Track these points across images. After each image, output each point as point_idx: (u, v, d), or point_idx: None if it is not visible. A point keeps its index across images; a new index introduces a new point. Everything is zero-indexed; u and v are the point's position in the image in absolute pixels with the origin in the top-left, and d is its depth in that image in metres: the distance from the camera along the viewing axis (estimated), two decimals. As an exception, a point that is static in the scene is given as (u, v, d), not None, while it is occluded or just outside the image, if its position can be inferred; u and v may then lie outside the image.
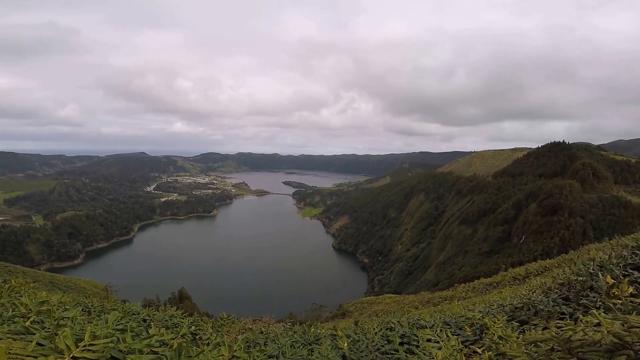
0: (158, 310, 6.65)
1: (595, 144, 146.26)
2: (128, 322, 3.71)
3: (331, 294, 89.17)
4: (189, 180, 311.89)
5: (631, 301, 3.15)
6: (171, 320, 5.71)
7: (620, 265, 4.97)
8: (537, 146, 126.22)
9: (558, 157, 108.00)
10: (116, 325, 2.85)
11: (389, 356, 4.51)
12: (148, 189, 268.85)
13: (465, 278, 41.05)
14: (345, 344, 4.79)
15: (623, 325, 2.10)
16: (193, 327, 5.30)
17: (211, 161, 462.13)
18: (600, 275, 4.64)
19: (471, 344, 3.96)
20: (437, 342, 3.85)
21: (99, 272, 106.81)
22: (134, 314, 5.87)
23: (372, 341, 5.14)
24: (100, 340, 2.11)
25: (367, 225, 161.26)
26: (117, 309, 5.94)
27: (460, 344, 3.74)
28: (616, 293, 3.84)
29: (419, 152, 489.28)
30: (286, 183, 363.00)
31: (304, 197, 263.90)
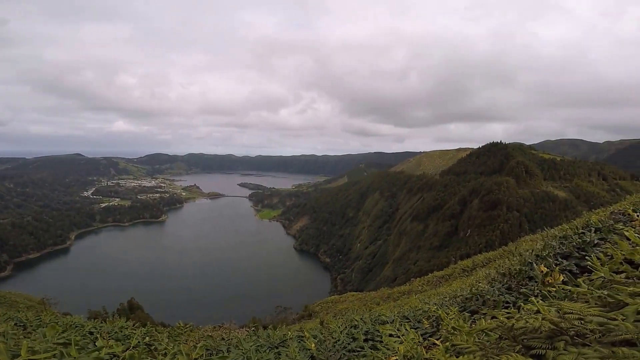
0: (105, 322, 6.13)
1: (528, 143, 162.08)
2: (71, 336, 3.38)
3: (296, 296, 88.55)
4: (133, 184, 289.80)
5: (563, 288, 3.47)
6: (121, 331, 5.38)
7: (552, 254, 5.49)
8: (478, 146, 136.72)
9: (496, 156, 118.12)
10: (57, 339, 2.55)
11: (356, 354, 4.57)
12: (85, 193, 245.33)
13: (420, 272, 43.23)
14: (313, 345, 4.76)
15: (558, 312, 2.30)
16: (147, 338, 5.00)
17: (158, 163, 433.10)
18: (535, 264, 5.10)
19: (430, 336, 4.14)
20: (399, 336, 3.98)
21: (32, 284, 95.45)
22: (78, 327, 5.45)
23: (339, 340, 5.19)
24: (40, 355, 1.86)
25: (327, 225, 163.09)
26: (57, 322, 5.46)
27: (420, 337, 3.89)
28: (550, 281, 4.22)
29: (374, 152, 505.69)
30: (242, 185, 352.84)
31: (262, 198, 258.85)
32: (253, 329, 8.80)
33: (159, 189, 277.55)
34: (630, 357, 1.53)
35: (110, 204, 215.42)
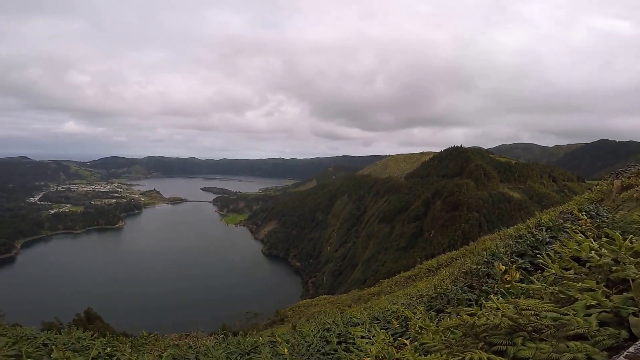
0: (61, 334, 5.69)
1: (486, 147, 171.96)
2: (23, 348, 3.10)
3: (266, 301, 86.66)
4: (86, 189, 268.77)
5: (520, 286, 3.70)
6: (79, 342, 5.13)
7: (508, 253, 5.84)
8: (440, 150, 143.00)
9: (457, 159, 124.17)
10: (7, 352, 2.33)
11: (329, 356, 4.58)
12: (32, 199, 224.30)
13: (389, 273, 44.25)
14: (286, 350, 4.70)
15: (516, 308, 2.44)
16: (108, 349, 4.78)
17: (114, 166, 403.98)
18: (494, 262, 5.41)
19: (399, 336, 4.25)
20: (370, 338, 4.04)
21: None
22: (30, 339, 5.08)
23: (312, 344, 5.17)
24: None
25: (296, 229, 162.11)
26: (5, 334, 5.18)
27: (390, 337, 3.98)
28: (508, 279, 4.48)
29: (342, 155, 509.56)
30: (206, 189, 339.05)
31: (227, 203, 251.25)
32: (222, 336, 8.57)
33: (115, 194, 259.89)
34: (582, 351, 1.65)
35: (61, 210, 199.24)
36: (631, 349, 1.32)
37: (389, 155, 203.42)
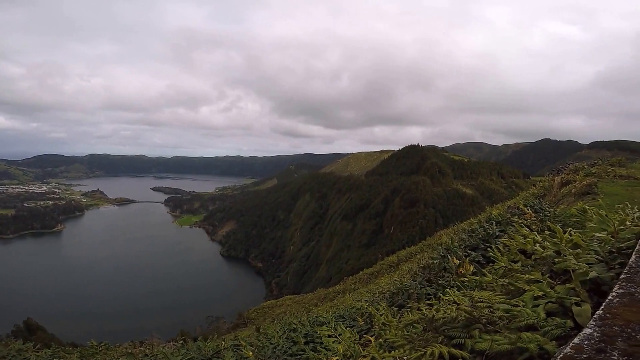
0: None
1: (441, 146, 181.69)
2: None
3: (228, 304, 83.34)
4: (17, 190, 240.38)
5: (474, 279, 3.91)
6: (20, 355, 4.81)
7: (462, 246, 6.17)
8: (399, 148, 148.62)
9: (414, 157, 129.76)
10: None
11: (297, 357, 4.52)
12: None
13: (352, 270, 44.98)
14: (250, 353, 4.56)
15: (471, 301, 2.56)
16: None
17: (51, 165, 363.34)
18: (449, 257, 5.69)
19: (365, 333, 4.30)
20: (336, 336, 4.05)
21: None
22: None
23: (278, 345, 5.07)
24: None
25: (256, 229, 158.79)
26: None
27: (356, 334, 4.02)
28: (462, 272, 4.72)
29: (304, 153, 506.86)
30: (156, 189, 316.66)
31: (181, 203, 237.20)
32: (181, 342, 8.19)
33: (52, 196, 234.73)
34: (534, 341, 1.74)
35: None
36: (576, 340, 1.40)
37: (351, 153, 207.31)
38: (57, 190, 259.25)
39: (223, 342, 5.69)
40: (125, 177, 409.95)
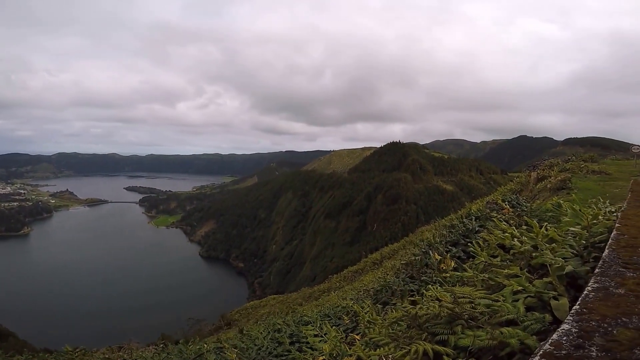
0: None
1: (422, 143, 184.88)
2: None
3: (210, 306, 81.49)
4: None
5: (455, 274, 3.97)
6: None
7: (443, 242, 6.28)
8: (380, 145, 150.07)
9: (395, 154, 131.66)
10: None
11: (282, 358, 4.45)
12: None
13: (337, 268, 45.16)
14: (234, 355, 4.46)
15: (453, 297, 2.59)
16: None
17: (15, 165, 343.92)
18: (430, 253, 5.77)
19: (351, 332, 4.29)
20: (322, 336, 4.01)
21: None
22: None
23: (262, 346, 4.98)
24: None
25: (237, 228, 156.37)
26: None
27: (342, 333, 4.00)
28: (444, 267, 4.80)
29: (286, 151, 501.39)
30: (130, 189, 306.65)
31: (156, 203, 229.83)
32: (162, 345, 7.96)
33: (17, 197, 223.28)
34: (515, 336, 1.77)
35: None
36: (555, 336, 1.42)
37: (333, 151, 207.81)
38: (22, 191, 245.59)
39: (205, 345, 5.57)
40: (97, 177, 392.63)
